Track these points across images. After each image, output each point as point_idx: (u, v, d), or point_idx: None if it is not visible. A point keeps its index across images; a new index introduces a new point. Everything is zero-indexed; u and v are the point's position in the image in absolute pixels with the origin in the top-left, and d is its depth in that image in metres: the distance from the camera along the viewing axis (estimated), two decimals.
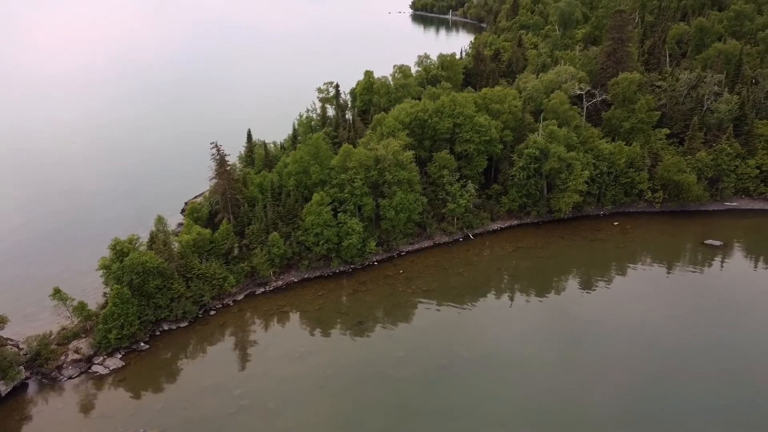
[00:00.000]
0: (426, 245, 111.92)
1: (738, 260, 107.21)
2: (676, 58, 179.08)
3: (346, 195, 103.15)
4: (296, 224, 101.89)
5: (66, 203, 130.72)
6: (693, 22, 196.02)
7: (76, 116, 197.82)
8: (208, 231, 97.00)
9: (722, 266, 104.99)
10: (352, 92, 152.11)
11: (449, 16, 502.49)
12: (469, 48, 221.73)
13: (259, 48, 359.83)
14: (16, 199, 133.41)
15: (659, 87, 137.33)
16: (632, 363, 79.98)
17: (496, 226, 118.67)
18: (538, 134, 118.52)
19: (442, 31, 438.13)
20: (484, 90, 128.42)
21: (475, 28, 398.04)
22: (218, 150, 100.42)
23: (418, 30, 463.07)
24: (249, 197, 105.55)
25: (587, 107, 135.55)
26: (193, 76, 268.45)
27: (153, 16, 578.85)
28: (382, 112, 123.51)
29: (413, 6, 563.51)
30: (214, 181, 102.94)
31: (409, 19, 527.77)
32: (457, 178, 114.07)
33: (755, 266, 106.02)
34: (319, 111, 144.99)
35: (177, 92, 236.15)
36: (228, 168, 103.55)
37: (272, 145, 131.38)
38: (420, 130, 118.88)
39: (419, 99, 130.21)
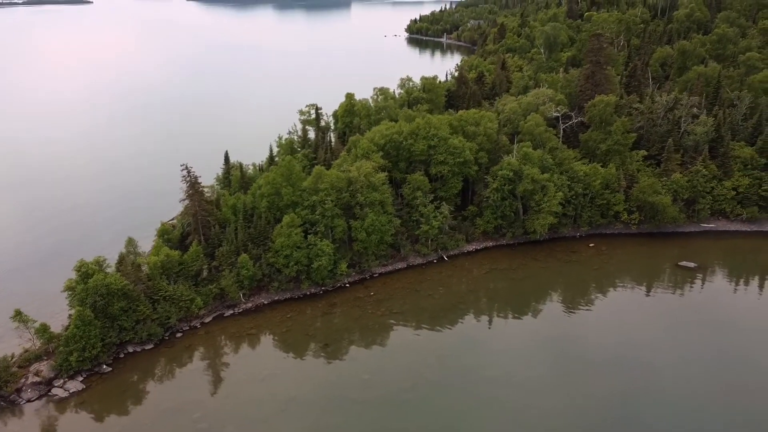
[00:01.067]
0: (400, 267, 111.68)
1: (712, 282, 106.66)
2: (659, 80, 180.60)
3: (317, 217, 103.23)
4: (267, 246, 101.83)
5: (47, 223, 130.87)
6: (676, 45, 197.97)
7: (60, 136, 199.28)
8: (176, 253, 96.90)
9: (695, 288, 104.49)
10: (335, 114, 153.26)
11: (443, 40, 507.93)
12: (455, 71, 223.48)
13: (254, 70, 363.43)
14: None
15: (636, 109, 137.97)
16: (605, 382, 79.28)
17: (471, 247, 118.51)
18: (513, 156, 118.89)
19: (437, 54, 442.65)
20: (460, 112, 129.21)
21: (468, 51, 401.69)
22: (189, 172, 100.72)
23: (413, 53, 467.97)
24: (221, 219, 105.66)
25: (564, 129, 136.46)
26: (184, 98, 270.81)
27: (151, 40, 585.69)
28: (358, 134, 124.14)
29: (408, 29, 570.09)
30: (185, 202, 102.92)
31: (405, 43, 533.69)
32: (431, 199, 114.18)
33: (728, 287, 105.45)
34: (300, 133, 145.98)
35: (166, 113, 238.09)
36: (199, 190, 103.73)
37: (251, 167, 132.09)
38: (395, 152, 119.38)
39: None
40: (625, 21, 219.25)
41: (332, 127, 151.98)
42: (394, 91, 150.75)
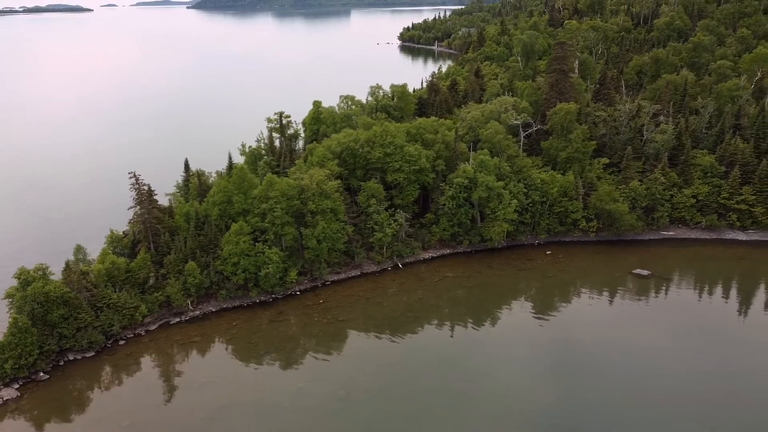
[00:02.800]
0: (353, 275, 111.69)
1: (663, 290, 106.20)
2: (633, 88, 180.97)
3: (267, 224, 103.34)
4: (216, 254, 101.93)
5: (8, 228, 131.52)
6: (650, 53, 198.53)
7: (36, 144, 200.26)
8: (123, 260, 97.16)
9: (647, 295, 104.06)
10: (304, 122, 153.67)
11: (435, 47, 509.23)
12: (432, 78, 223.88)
13: (243, 78, 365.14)
14: None
15: (599, 117, 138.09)
16: (543, 390, 79.11)
17: (427, 255, 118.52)
18: (469, 164, 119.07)
19: (428, 62, 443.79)
20: (419, 120, 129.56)
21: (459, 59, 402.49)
22: (137, 180, 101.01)
23: (403, 60, 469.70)
24: (173, 227, 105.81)
25: (528, 137, 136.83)
26: (165, 106, 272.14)
27: (147, 49, 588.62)
28: (314, 142, 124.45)
29: (401, 37, 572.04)
30: (135, 210, 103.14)
31: (397, 50, 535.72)
32: (385, 207, 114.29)
33: (680, 295, 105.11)
34: (266, 141, 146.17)
35: (141, 121, 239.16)
36: (148, 197, 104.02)
37: (215, 175, 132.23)
38: (352, 159, 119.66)
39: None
40: (603, 29, 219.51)
41: (301, 135, 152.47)
42: (356, 98, 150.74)
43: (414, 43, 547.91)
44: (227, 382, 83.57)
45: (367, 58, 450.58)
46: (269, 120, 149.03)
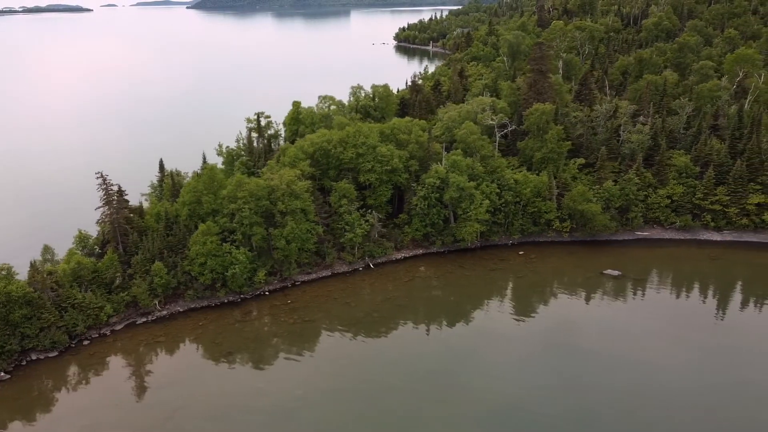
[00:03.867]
0: (324, 275, 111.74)
1: (633, 290, 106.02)
2: (617, 88, 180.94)
3: (235, 225, 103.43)
4: (184, 254, 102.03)
5: None
6: (634, 54, 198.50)
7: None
8: (89, 260, 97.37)
9: (616, 295, 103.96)
10: (285, 122, 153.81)
11: (430, 48, 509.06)
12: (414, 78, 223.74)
13: (234, 77, 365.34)
14: None
15: (576, 117, 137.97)
16: (499, 390, 79.10)
17: (400, 255, 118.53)
18: (442, 164, 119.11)
19: (422, 62, 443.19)
20: (394, 120, 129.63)
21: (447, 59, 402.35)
22: (104, 180, 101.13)
23: (397, 60, 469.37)
24: (143, 227, 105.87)
25: (503, 137, 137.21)
26: (157, 103, 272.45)
27: (143, 51, 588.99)
28: (287, 143, 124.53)
29: (396, 38, 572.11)
30: (102, 210, 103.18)
31: (393, 51, 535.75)
32: (356, 207, 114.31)
33: (648, 295, 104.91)
34: (245, 141, 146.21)
35: (134, 119, 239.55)
36: (114, 197, 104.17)
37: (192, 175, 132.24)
38: (325, 160, 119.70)
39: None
40: (589, 30, 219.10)
41: (282, 135, 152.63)
42: (335, 98, 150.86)
43: (409, 43, 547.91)
44: (188, 382, 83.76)
45: (361, 59, 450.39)
46: (249, 120, 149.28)
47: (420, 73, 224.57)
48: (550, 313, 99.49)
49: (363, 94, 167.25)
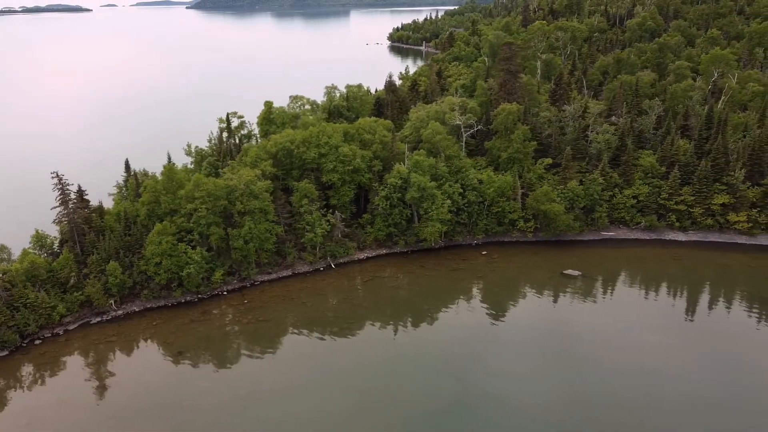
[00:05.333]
0: (285, 275, 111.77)
1: (591, 290, 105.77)
2: (595, 89, 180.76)
3: (192, 224, 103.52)
4: (141, 254, 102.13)
5: None
6: (612, 54, 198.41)
7: None
8: (43, 260, 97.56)
9: (572, 296, 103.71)
10: (258, 123, 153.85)
11: (423, 48, 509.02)
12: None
13: (225, 77, 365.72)
14: None
15: (544, 117, 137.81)
16: (445, 390, 79.03)
17: (363, 255, 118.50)
18: (404, 164, 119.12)
19: (413, 62, 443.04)
20: (360, 120, 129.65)
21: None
22: (60, 180, 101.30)
23: (390, 60, 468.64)
24: (102, 227, 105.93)
25: (472, 137, 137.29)
26: (140, 101, 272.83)
27: (140, 52, 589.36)
28: (248, 142, 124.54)
29: (390, 38, 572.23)
30: (58, 210, 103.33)
31: (386, 51, 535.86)
32: (317, 207, 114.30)
33: (604, 296, 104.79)
34: (216, 141, 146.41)
35: (115, 118, 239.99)
36: (80, 197, 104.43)
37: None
38: (288, 160, 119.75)
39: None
40: (571, 30, 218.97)
41: (255, 135, 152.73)
42: (305, 98, 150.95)
43: (403, 43, 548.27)
44: (135, 381, 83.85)
45: (353, 59, 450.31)
46: (221, 120, 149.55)
47: (402, 72, 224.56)
48: (505, 313, 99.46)
49: (338, 95, 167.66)
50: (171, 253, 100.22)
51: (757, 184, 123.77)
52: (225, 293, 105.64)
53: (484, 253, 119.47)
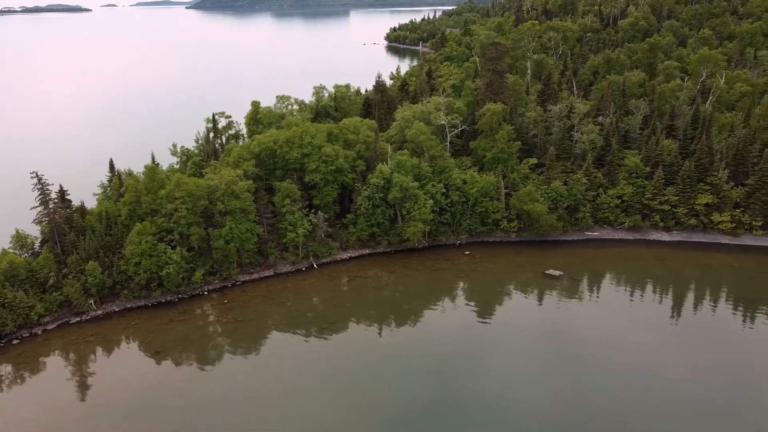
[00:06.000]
0: (266, 275, 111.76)
1: (574, 290, 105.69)
2: (584, 88, 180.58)
3: (173, 224, 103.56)
4: (122, 254, 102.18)
5: None
6: (602, 54, 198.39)
7: None
8: (22, 259, 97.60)
9: (551, 296, 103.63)
10: (246, 123, 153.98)
11: (420, 48, 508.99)
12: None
13: (216, 77, 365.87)
14: None
15: (529, 118, 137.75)
16: (423, 391, 79.00)
17: (346, 255, 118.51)
18: (387, 164, 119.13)
19: (415, 61, 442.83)
20: (344, 120, 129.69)
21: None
22: (39, 180, 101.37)
23: (386, 61, 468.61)
24: (83, 227, 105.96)
25: (458, 137, 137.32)
26: (132, 101, 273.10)
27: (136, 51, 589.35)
28: (233, 142, 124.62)
29: (388, 38, 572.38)
30: (37, 210, 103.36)
31: (383, 51, 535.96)
32: (300, 207, 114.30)
33: (587, 295, 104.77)
34: (203, 141, 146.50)
35: (100, 119, 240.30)
36: (61, 197, 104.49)
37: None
38: (271, 160, 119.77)
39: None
40: (562, 30, 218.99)
41: (243, 135, 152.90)
42: (291, 98, 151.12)
43: (400, 43, 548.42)
44: (110, 381, 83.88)
45: (348, 59, 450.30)
46: (208, 120, 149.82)
47: (392, 73, 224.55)
48: (487, 313, 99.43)
49: (326, 95, 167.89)
50: (150, 253, 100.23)
51: (741, 184, 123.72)
52: (206, 293, 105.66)
53: (467, 253, 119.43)
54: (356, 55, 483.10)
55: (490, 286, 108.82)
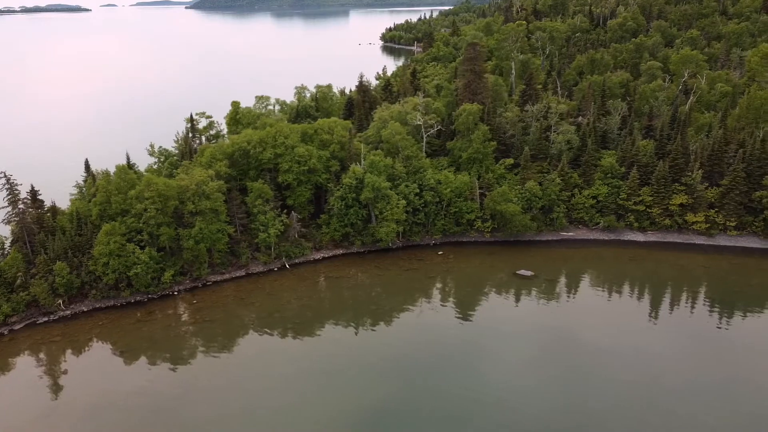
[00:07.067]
0: (238, 275, 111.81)
1: (543, 290, 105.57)
2: (568, 89, 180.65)
3: (142, 225, 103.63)
4: (91, 254, 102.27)
5: None
6: (586, 54, 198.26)
7: None
8: None
9: (522, 296, 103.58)
10: (226, 123, 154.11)
11: (414, 48, 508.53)
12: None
13: (207, 78, 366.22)
14: None
15: (506, 118, 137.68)
16: (381, 390, 79.16)
17: (319, 255, 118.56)
18: (361, 164, 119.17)
19: (408, 61, 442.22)
20: (319, 120, 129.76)
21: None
22: (7, 180, 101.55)
23: (380, 61, 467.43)
24: (53, 227, 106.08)
25: (436, 137, 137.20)
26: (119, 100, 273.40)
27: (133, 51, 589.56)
28: (207, 143, 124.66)
29: (383, 38, 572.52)
30: (6, 210, 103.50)
31: (378, 51, 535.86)
32: (272, 207, 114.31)
33: (555, 296, 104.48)
34: (182, 141, 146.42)
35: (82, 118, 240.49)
36: (32, 197, 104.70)
37: None
38: (245, 160, 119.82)
39: None
40: (549, 30, 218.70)
41: (224, 135, 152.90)
42: (270, 98, 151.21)
43: (395, 43, 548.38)
44: (72, 380, 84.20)
45: (343, 59, 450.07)
46: (187, 120, 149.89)
47: (378, 73, 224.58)
48: (453, 313, 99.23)
49: (308, 95, 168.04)
50: (119, 253, 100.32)
51: (716, 185, 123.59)
52: (176, 293, 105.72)
53: (440, 253, 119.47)
54: (350, 55, 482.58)
55: (460, 286, 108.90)
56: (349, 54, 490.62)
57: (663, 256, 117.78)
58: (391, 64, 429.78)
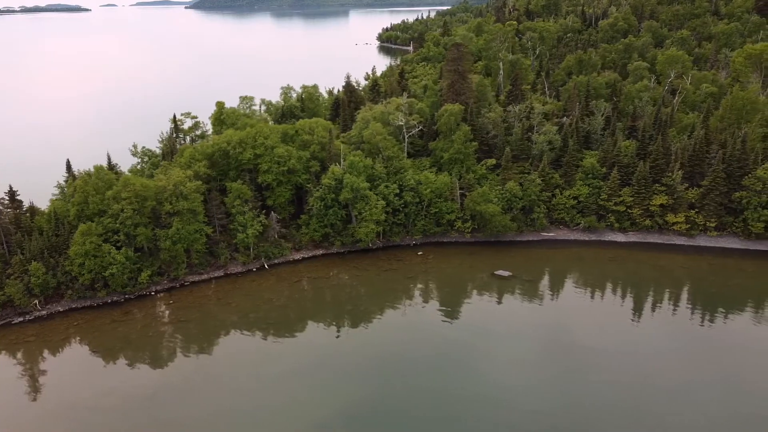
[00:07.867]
0: (217, 275, 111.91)
1: (518, 290, 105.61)
2: (556, 89, 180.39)
3: (119, 225, 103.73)
4: (67, 254, 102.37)
5: None
6: (574, 55, 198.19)
7: None
8: None
9: (500, 296, 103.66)
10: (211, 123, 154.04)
11: (410, 48, 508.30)
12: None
13: (201, 77, 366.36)
14: None
15: (488, 119, 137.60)
16: (359, 390, 79.18)
17: (299, 256, 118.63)
18: (340, 165, 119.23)
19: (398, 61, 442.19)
20: (300, 121, 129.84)
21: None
22: None
23: (375, 61, 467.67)
24: (31, 227, 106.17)
25: (419, 137, 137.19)
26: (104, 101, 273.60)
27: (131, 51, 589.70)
28: (186, 144, 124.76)
29: (379, 38, 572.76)
30: None
31: (375, 51, 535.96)
32: (250, 207, 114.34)
33: (533, 296, 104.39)
34: (166, 141, 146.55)
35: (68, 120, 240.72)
36: (10, 198, 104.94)
37: None
38: (224, 160, 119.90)
39: None
40: (539, 31, 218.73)
41: (209, 135, 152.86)
42: (254, 98, 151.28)
43: (392, 43, 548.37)
44: (43, 381, 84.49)
45: (338, 59, 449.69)
46: (171, 120, 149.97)
47: (367, 73, 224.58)
48: (428, 313, 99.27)
49: (294, 95, 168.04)
50: (95, 253, 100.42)
51: (696, 185, 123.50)
52: (153, 293, 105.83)
53: (420, 253, 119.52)
54: (346, 55, 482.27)
55: (440, 286, 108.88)
56: (345, 54, 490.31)
57: (643, 256, 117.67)
58: (386, 65, 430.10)
